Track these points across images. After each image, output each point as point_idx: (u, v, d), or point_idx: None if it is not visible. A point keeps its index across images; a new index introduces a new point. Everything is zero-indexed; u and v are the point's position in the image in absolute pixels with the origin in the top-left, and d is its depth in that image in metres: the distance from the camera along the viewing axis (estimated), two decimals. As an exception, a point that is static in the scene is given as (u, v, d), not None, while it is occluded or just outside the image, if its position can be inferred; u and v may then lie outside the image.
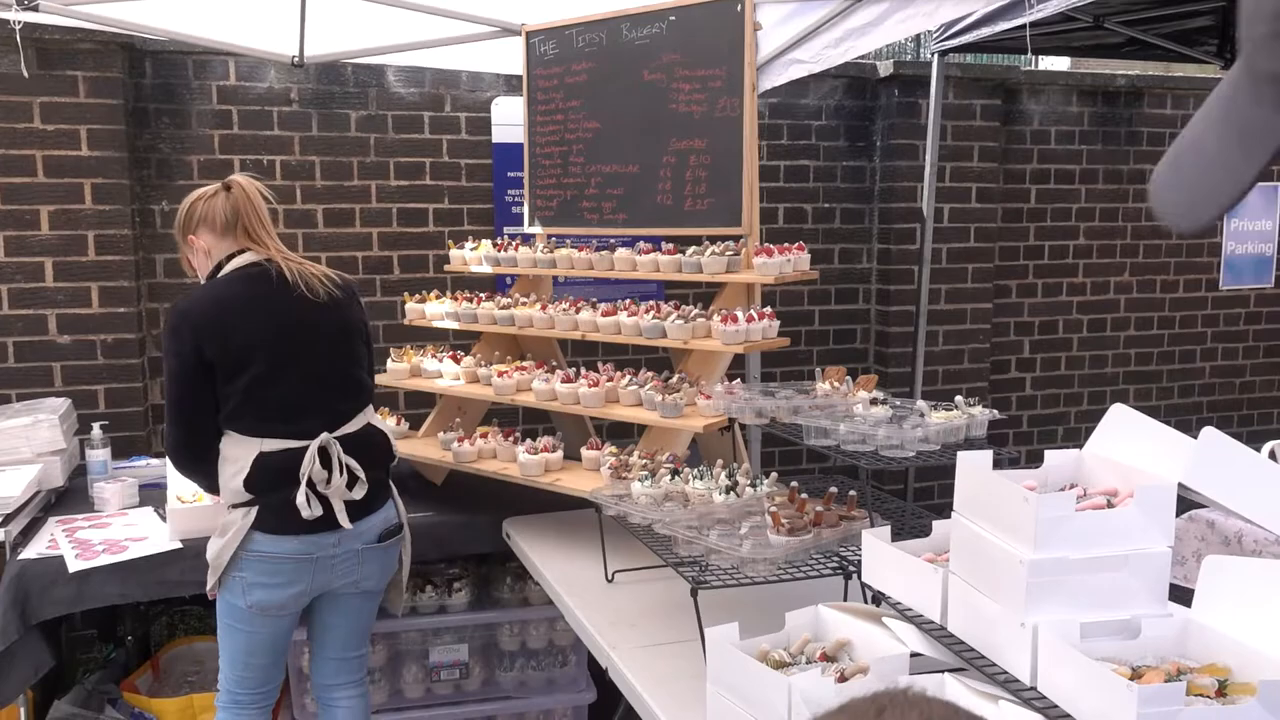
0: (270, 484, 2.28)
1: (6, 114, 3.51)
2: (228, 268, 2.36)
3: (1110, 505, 1.44)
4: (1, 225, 3.55)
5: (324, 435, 2.30)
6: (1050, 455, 1.59)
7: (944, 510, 1.60)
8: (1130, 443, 1.53)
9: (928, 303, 4.21)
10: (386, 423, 3.22)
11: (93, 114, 3.57)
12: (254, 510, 2.28)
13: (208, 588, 2.35)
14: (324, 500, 2.30)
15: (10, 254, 3.56)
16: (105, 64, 3.57)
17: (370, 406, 2.48)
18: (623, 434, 3.96)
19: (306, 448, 2.28)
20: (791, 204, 4.51)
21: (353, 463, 2.33)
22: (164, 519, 2.86)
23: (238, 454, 2.29)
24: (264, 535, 2.28)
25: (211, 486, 2.39)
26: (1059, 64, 5.94)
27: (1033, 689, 1.34)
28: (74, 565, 2.58)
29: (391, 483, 2.54)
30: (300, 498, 2.25)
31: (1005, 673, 1.38)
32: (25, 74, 3.44)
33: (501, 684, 3.16)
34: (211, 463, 2.33)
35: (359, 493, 2.35)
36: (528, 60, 3.42)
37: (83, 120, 3.57)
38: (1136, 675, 1.28)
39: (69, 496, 3.17)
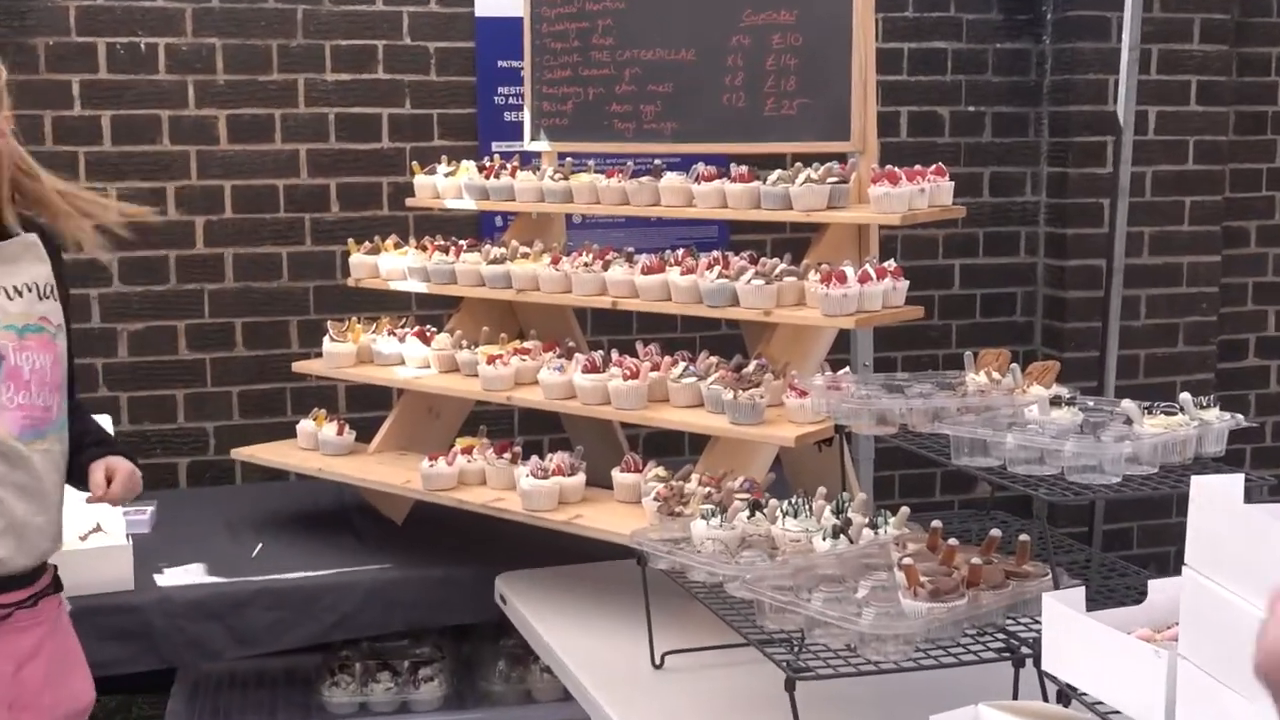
0: None
1: None
2: None
3: None
4: None
5: None
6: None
7: (1152, 564, 1.59)
8: None
9: (1124, 255, 4.13)
10: (321, 430, 3.35)
11: (-108, -23, 3.59)
12: None
13: None
14: None
15: None
16: (-91, -97, 3.59)
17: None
18: (671, 449, 3.94)
19: None
20: (920, 107, 4.48)
21: None
22: None
23: None
24: None
25: None
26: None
27: (1311, 834, 1.33)
28: None
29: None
30: None
31: (1267, 810, 1.37)
32: None
33: (491, 818, 3.20)
34: None
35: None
36: (529, -107, 3.45)
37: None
38: None
39: None
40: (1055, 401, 2.29)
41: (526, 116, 3.53)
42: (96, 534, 2.99)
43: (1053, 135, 4.58)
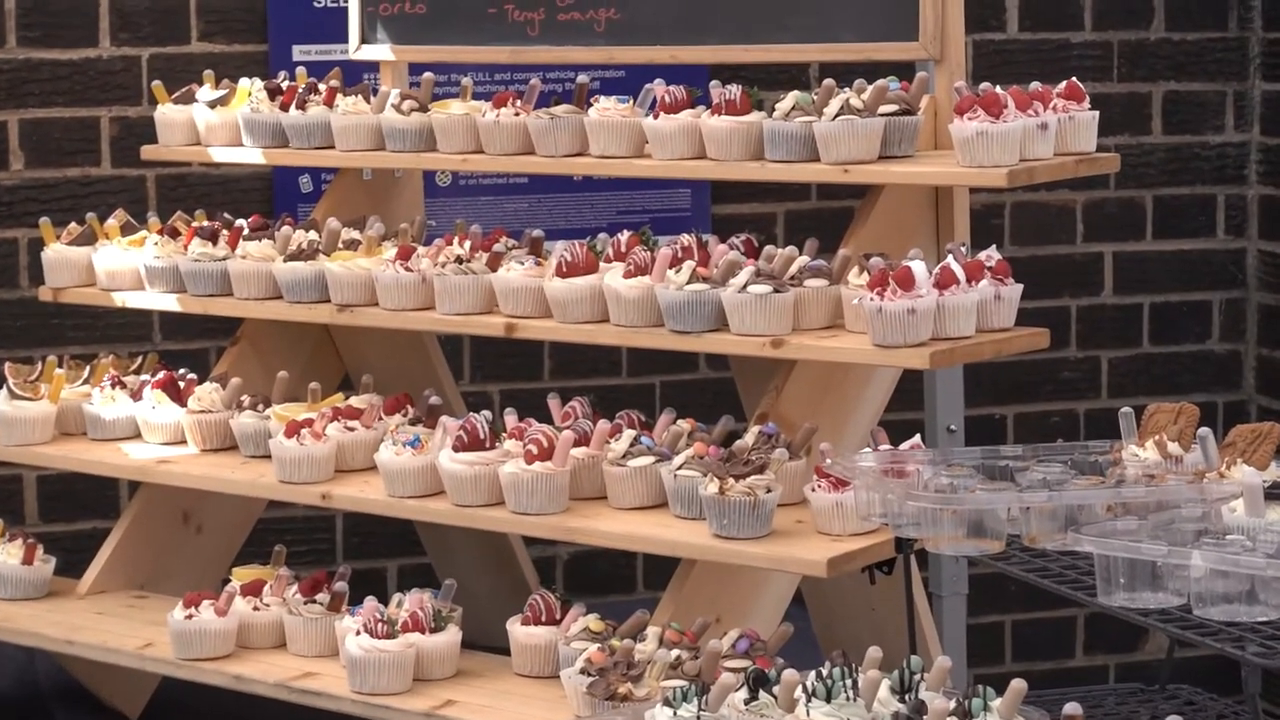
0: None
1: None
2: None
3: None
4: None
5: None
6: None
7: None
8: None
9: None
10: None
11: None
12: None
13: None
14: None
15: None
16: None
17: None
18: (612, 583, 3.78)
19: None
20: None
21: None
22: None
23: None
24: None
25: None
26: None
27: None
28: None
29: None
30: None
31: None
32: None
33: None
34: None
35: None
36: None
37: None
38: None
39: None
40: (1277, 493, 2.31)
41: (353, 3, 3.27)
42: None
43: (1270, 28, 4.37)
